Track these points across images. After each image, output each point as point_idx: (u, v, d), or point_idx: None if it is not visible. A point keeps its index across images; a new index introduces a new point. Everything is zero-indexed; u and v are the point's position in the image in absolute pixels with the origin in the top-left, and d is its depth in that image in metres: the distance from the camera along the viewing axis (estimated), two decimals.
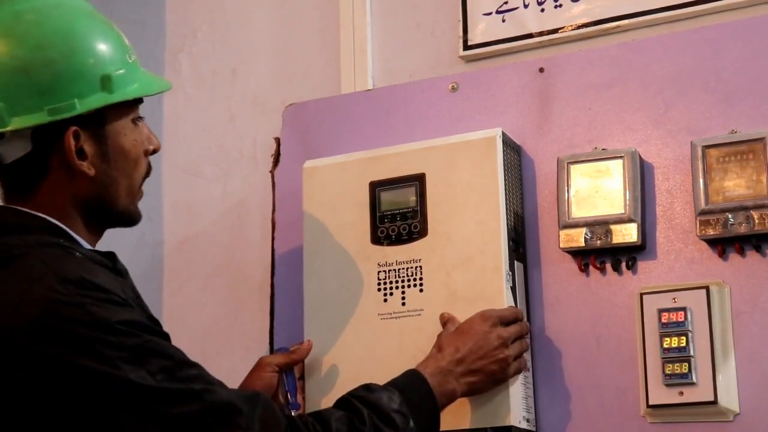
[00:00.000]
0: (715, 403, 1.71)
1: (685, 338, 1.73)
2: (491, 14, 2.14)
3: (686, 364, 1.72)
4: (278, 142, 2.21)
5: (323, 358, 1.92)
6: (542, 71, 1.98)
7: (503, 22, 2.13)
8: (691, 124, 1.85)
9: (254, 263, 2.28)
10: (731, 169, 1.77)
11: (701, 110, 1.84)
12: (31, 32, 1.55)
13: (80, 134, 1.56)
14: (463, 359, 1.71)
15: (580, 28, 2.06)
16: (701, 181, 1.78)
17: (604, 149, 1.88)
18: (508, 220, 1.86)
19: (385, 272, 1.90)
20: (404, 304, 1.88)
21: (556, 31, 2.08)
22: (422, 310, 1.86)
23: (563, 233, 1.86)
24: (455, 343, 1.73)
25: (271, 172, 2.20)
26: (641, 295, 1.79)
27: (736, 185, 1.76)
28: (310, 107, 2.19)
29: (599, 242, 1.83)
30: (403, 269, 1.89)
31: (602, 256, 1.86)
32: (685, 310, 1.74)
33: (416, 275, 1.88)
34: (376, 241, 1.92)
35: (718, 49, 1.85)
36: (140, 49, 1.73)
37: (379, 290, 1.90)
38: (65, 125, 1.55)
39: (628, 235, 1.82)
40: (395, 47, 2.25)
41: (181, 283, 2.36)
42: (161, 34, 2.49)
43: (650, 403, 1.75)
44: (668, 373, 1.73)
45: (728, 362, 1.74)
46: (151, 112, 2.20)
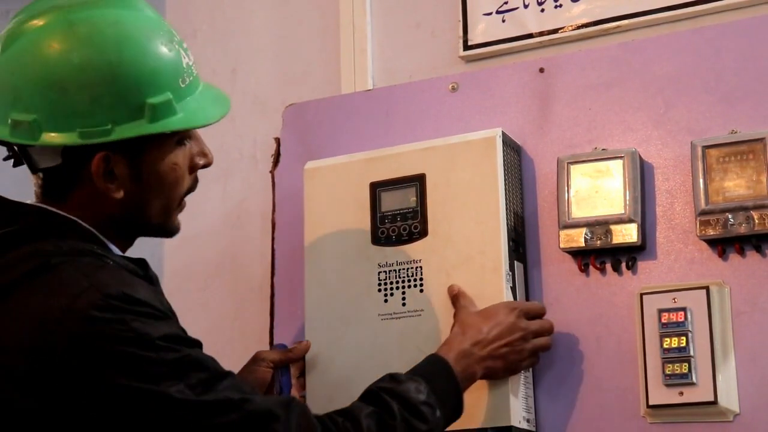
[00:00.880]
0: (715, 403, 1.71)
1: (685, 338, 1.73)
2: (491, 14, 2.14)
3: (686, 364, 1.72)
4: (278, 142, 2.21)
5: (324, 357, 1.92)
6: (542, 71, 1.98)
7: (503, 22, 2.13)
8: (691, 124, 1.85)
9: (254, 263, 2.28)
10: (731, 169, 1.77)
11: (701, 110, 1.84)
12: (78, 49, 1.47)
13: (111, 158, 1.50)
14: (487, 343, 1.71)
15: (580, 28, 2.06)
16: (701, 181, 1.78)
17: (604, 149, 1.88)
18: (508, 220, 1.86)
19: (385, 273, 1.90)
20: (404, 304, 1.87)
21: (556, 31, 2.08)
22: (422, 310, 1.86)
23: (563, 233, 1.86)
24: (479, 325, 1.73)
25: (271, 172, 2.20)
26: (641, 295, 1.79)
27: (736, 185, 1.76)
28: (310, 107, 2.19)
29: (599, 242, 1.83)
30: (403, 270, 1.89)
31: (602, 256, 1.86)
32: (685, 310, 1.74)
33: (416, 275, 1.88)
34: (376, 241, 1.92)
35: (718, 49, 1.85)
36: None
37: (379, 291, 1.90)
38: (96, 148, 1.49)
39: (628, 235, 1.82)
40: (395, 47, 2.25)
41: (181, 283, 2.35)
42: None
43: (650, 403, 1.75)
44: (668, 373, 1.73)
45: (728, 362, 1.74)
46: None
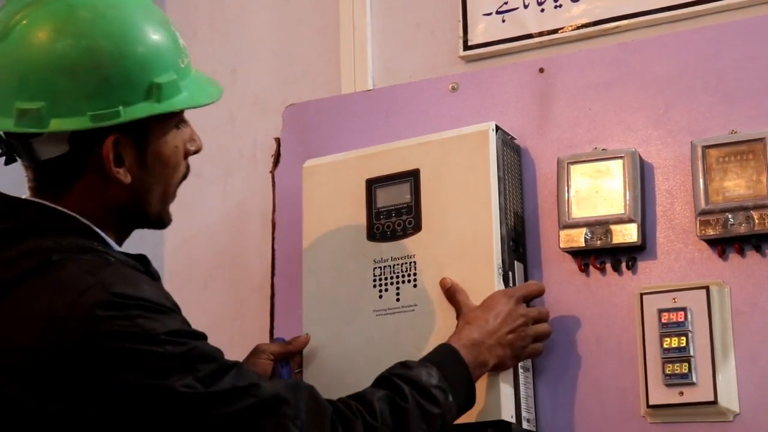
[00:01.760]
0: (715, 403, 1.71)
1: (685, 338, 1.73)
2: (491, 14, 2.14)
3: (686, 364, 1.72)
4: (278, 142, 2.21)
5: (321, 352, 1.92)
6: (542, 71, 1.98)
7: (503, 22, 2.13)
8: (691, 124, 1.85)
9: (254, 263, 2.28)
10: (731, 169, 1.77)
11: (701, 110, 1.84)
12: (83, 32, 1.48)
13: (120, 141, 1.50)
14: (494, 332, 1.71)
15: (580, 28, 2.06)
16: (701, 181, 1.78)
17: (604, 149, 1.88)
18: (507, 219, 1.86)
19: (380, 268, 1.90)
20: (399, 299, 1.87)
21: (556, 31, 2.08)
22: (416, 305, 1.85)
23: (563, 233, 1.86)
24: (484, 316, 1.73)
25: (271, 172, 2.21)
26: (641, 295, 1.79)
27: (736, 185, 1.76)
28: (310, 107, 2.19)
29: (599, 242, 1.83)
30: (397, 265, 1.89)
31: (602, 256, 1.86)
32: (685, 310, 1.74)
33: (410, 271, 1.88)
34: (371, 237, 1.92)
35: (718, 49, 1.85)
36: None
37: (375, 286, 1.90)
38: (106, 132, 1.49)
39: (628, 235, 1.82)
40: (395, 47, 2.25)
41: (181, 283, 2.35)
42: None
43: (650, 403, 1.75)
44: (668, 373, 1.73)
45: (728, 362, 1.74)
46: None
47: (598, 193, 1.85)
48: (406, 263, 1.88)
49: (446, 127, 1.99)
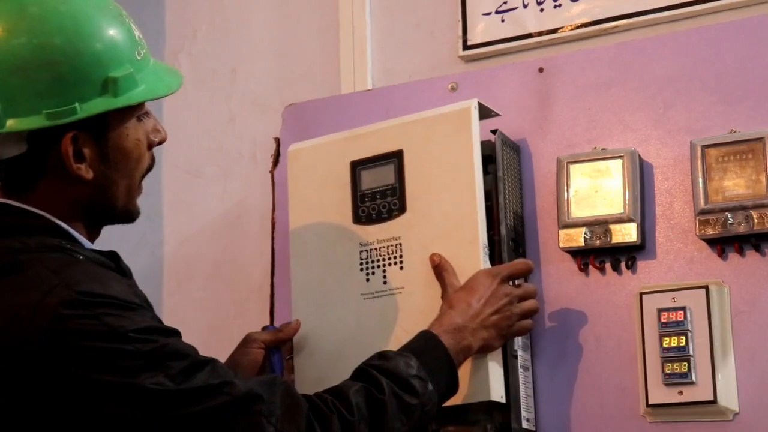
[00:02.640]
0: (714, 402, 1.71)
1: (684, 338, 1.73)
2: (490, 14, 2.14)
3: (686, 363, 1.72)
4: (278, 142, 2.21)
5: (311, 338, 1.91)
6: (542, 71, 1.98)
7: (502, 22, 2.13)
8: (690, 123, 1.85)
9: (254, 263, 2.28)
10: (730, 168, 1.77)
11: (701, 110, 1.85)
12: (34, 29, 1.47)
13: (79, 138, 1.49)
14: (477, 314, 1.69)
15: (579, 28, 2.06)
16: (700, 180, 1.78)
17: (603, 149, 1.88)
18: (507, 219, 1.86)
19: (366, 252, 1.89)
20: (385, 282, 1.86)
21: (555, 31, 2.08)
22: (403, 288, 1.84)
23: (563, 233, 1.86)
24: (466, 299, 1.70)
25: (271, 172, 2.21)
26: (641, 294, 1.79)
27: (735, 185, 1.76)
28: (310, 107, 2.19)
29: (599, 242, 1.83)
30: (383, 248, 1.87)
31: (602, 255, 1.86)
32: (684, 309, 1.74)
33: (396, 253, 1.86)
34: (357, 220, 1.90)
35: (717, 49, 1.85)
36: None
37: (361, 270, 1.88)
38: (64, 129, 1.48)
39: (627, 234, 1.82)
40: (395, 47, 2.26)
41: (181, 283, 2.36)
42: (161, 34, 2.49)
43: (650, 402, 1.76)
44: (668, 372, 1.73)
45: (727, 362, 1.74)
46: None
47: (597, 192, 1.85)
48: (392, 245, 1.86)
49: None
